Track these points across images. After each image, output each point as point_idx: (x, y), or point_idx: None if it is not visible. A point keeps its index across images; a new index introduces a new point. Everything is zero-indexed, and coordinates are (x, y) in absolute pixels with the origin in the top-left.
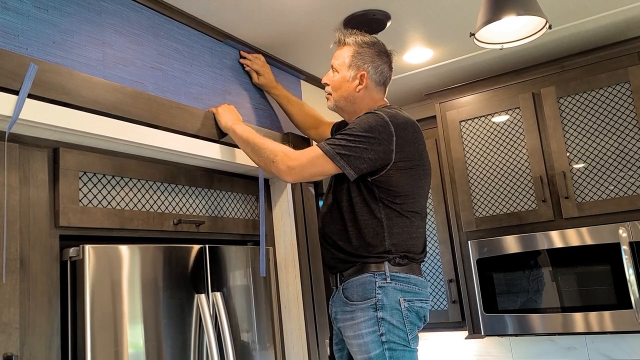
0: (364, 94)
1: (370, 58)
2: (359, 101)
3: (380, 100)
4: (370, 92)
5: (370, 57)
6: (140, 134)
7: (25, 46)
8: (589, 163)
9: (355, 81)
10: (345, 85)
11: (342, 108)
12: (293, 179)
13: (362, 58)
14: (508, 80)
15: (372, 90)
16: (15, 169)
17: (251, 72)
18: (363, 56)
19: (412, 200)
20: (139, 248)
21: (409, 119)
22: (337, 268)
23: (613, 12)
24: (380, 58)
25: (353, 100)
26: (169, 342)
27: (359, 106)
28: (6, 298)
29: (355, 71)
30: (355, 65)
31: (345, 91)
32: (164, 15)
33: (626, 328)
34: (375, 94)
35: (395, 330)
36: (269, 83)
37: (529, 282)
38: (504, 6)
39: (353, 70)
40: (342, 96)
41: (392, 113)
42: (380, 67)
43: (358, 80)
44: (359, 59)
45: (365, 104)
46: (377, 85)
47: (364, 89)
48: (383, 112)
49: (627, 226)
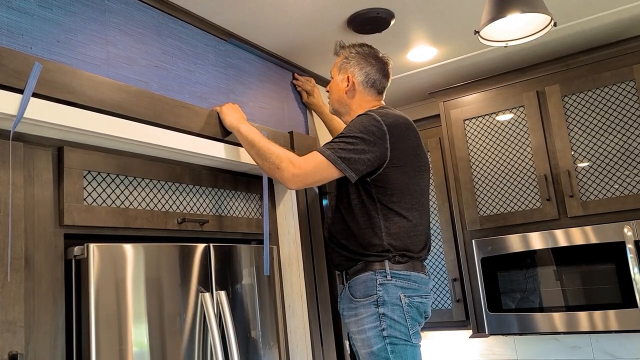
0: (353, 96)
1: (355, 61)
2: (350, 103)
3: (372, 101)
4: (360, 94)
5: (356, 60)
6: (144, 133)
7: (30, 45)
8: (593, 161)
9: (344, 83)
10: (336, 89)
11: (338, 110)
12: (297, 186)
13: (349, 62)
14: (512, 79)
15: (362, 92)
16: (19, 167)
17: (302, 92)
18: (349, 60)
19: (409, 198)
20: (144, 247)
21: (400, 116)
22: (343, 266)
23: (618, 9)
24: (366, 61)
25: (344, 102)
26: (174, 340)
27: (351, 107)
28: (11, 296)
29: (343, 74)
30: (343, 69)
31: (336, 94)
32: (168, 15)
33: (631, 327)
34: (365, 95)
35: (397, 325)
36: (317, 102)
37: (533, 281)
38: (509, 3)
39: (342, 74)
40: (335, 99)
41: (383, 112)
42: (365, 69)
43: (346, 82)
44: (345, 63)
45: (358, 105)
46: (366, 87)
47: (351, 91)
48: (374, 112)
49: (632, 225)
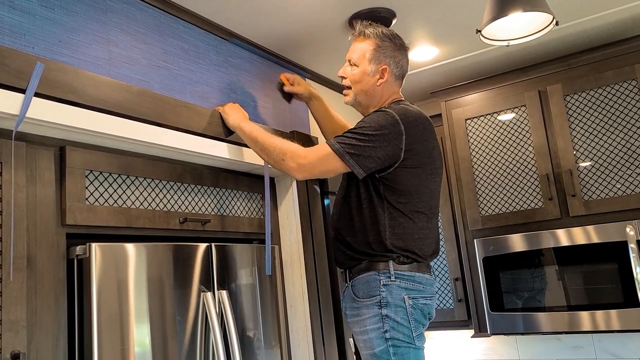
0: (383, 88)
1: (391, 52)
2: (378, 95)
3: (395, 93)
4: (390, 87)
5: (391, 51)
6: (146, 133)
7: (32, 45)
8: (595, 161)
9: (377, 75)
10: (366, 79)
11: (360, 102)
12: (303, 176)
13: (384, 52)
14: (514, 78)
15: (391, 84)
16: (22, 167)
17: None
18: (385, 50)
19: (417, 200)
20: (145, 246)
21: (419, 114)
22: (346, 264)
23: (620, 9)
24: (400, 52)
25: (372, 94)
26: (175, 340)
27: (377, 99)
28: (13, 296)
29: (376, 65)
30: (376, 59)
31: (365, 85)
32: (170, 14)
33: (633, 327)
34: (393, 87)
35: (400, 328)
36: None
37: (535, 280)
38: (510, 2)
39: (374, 64)
40: (362, 90)
41: (402, 110)
42: (400, 61)
43: (379, 74)
44: (380, 53)
45: (383, 97)
46: (396, 79)
47: (384, 84)
48: (392, 110)
49: (634, 224)
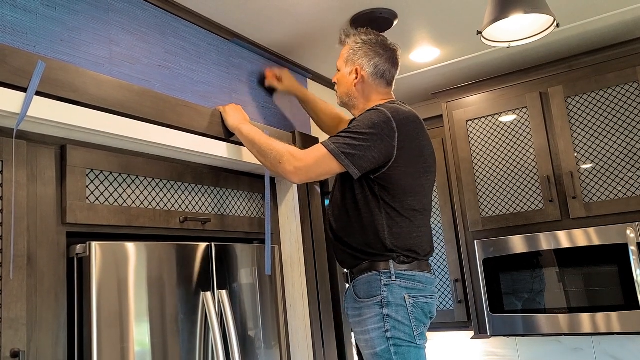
0: (362, 88)
1: (363, 52)
2: (359, 95)
3: (383, 94)
4: (370, 87)
5: (363, 51)
6: (147, 132)
7: (34, 44)
8: (596, 163)
9: (352, 76)
10: (344, 81)
11: (347, 103)
12: (300, 179)
13: (356, 53)
14: (515, 80)
15: (371, 84)
16: (23, 166)
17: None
18: (357, 51)
19: (412, 198)
20: (146, 245)
21: (410, 113)
22: (347, 263)
23: (621, 11)
24: (374, 51)
25: (353, 95)
26: (175, 339)
27: (360, 100)
28: (13, 294)
29: (351, 66)
30: (350, 60)
31: (345, 86)
32: (171, 14)
33: (633, 329)
34: (374, 87)
35: (401, 327)
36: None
37: (535, 282)
38: (512, 4)
39: (349, 66)
40: (344, 92)
41: (393, 108)
42: (373, 59)
43: (354, 74)
44: (353, 54)
45: (367, 98)
46: (375, 79)
47: (360, 83)
48: (384, 108)
49: (634, 227)
